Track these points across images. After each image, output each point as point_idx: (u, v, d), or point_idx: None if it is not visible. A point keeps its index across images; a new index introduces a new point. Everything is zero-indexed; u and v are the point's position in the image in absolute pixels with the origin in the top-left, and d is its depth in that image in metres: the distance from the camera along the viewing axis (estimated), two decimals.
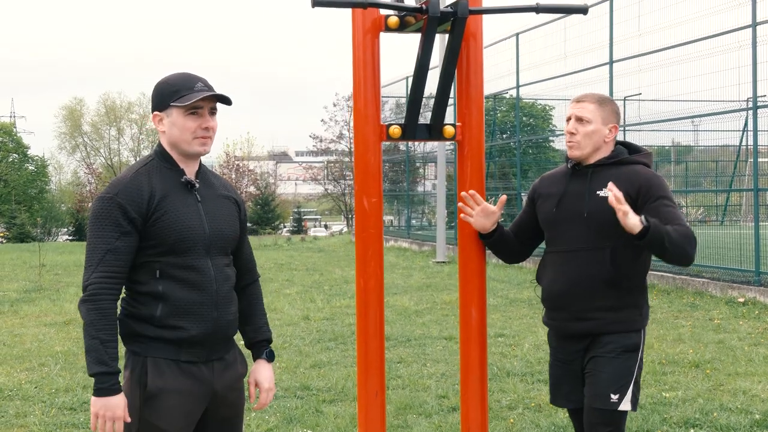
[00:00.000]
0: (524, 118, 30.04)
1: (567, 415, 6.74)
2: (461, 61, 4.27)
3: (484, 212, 4.18)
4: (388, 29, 4.18)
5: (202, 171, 3.65)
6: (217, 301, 3.52)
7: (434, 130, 4.29)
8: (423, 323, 11.67)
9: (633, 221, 3.84)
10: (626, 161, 4.21)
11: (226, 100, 3.53)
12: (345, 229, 53.37)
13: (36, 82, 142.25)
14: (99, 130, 72.20)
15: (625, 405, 4.07)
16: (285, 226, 60.78)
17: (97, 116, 72.30)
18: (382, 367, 4.28)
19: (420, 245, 26.08)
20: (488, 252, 4.38)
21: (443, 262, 21.13)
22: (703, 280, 14.36)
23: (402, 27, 4.17)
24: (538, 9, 3.92)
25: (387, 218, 35.45)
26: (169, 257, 3.44)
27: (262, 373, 3.80)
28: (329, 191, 61.09)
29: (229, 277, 3.63)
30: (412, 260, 22.28)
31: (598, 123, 4.19)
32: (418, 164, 33.14)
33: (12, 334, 11.25)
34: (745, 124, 19.97)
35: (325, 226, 69.43)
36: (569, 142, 4.23)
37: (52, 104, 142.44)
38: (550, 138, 27.64)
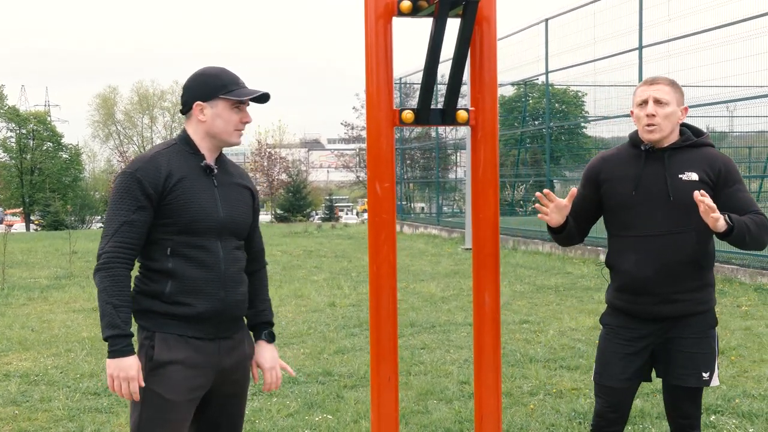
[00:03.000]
0: (556, 105, 29.93)
1: (588, 400, 6.73)
2: (474, 46, 4.24)
3: (557, 208, 4.18)
4: (400, 14, 4.16)
5: (222, 159, 3.80)
6: (225, 280, 3.64)
7: (447, 115, 4.28)
8: (448, 310, 11.66)
9: (721, 223, 3.90)
10: (698, 144, 4.23)
11: (268, 99, 3.75)
12: None
13: (70, 71, 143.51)
14: (132, 118, 72.90)
15: (715, 381, 4.25)
16: (317, 214, 60.89)
17: (130, 104, 73.00)
18: (394, 352, 4.27)
19: (450, 232, 26.04)
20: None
21: (471, 249, 21.06)
22: (732, 266, 14.23)
23: (415, 11, 4.15)
24: None
25: (418, 205, 35.47)
26: (181, 236, 3.58)
27: (262, 353, 3.92)
28: (361, 178, 61.12)
29: (238, 259, 3.75)
30: (441, 247, 22.26)
31: (674, 104, 4.17)
32: (449, 151, 33.06)
33: (41, 320, 11.37)
34: None
35: (357, 214, 69.45)
36: (649, 125, 4.16)
37: (86, 93, 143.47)
38: (582, 124, 27.51)
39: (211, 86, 3.65)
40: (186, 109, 3.72)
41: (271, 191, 59.65)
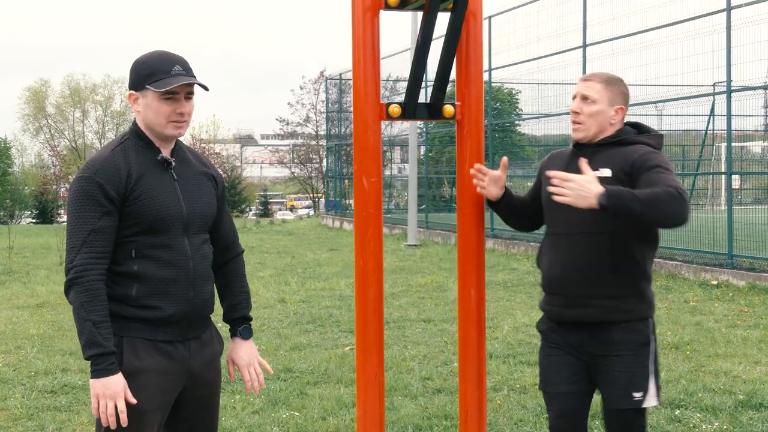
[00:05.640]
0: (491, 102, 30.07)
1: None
2: (460, 40, 4.23)
3: (492, 180, 4.05)
4: (388, 7, 4.12)
5: (179, 148, 3.60)
6: (194, 280, 3.48)
7: (434, 110, 4.26)
8: (400, 306, 11.66)
9: (586, 202, 3.57)
10: (629, 141, 3.92)
11: (203, 87, 3.49)
12: (312, 213, 53.24)
13: None
14: (63, 111, 71.49)
15: (650, 401, 3.89)
16: (251, 210, 60.57)
17: (62, 98, 71.58)
18: (381, 348, 4.24)
19: (390, 228, 26.06)
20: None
21: (414, 245, 21.14)
22: (676, 262, 14.46)
23: (403, 4, 4.12)
24: None
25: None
26: (145, 237, 3.40)
27: (237, 350, 3.77)
28: (296, 174, 60.91)
29: (206, 255, 3.59)
30: (383, 243, 22.20)
31: (604, 103, 3.91)
32: (384, 148, 33.07)
33: None
34: (712, 109, 20.04)
35: (291, 209, 69.22)
36: (574, 122, 4.00)
37: (15, 85, 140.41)
38: (516, 122, 27.75)
39: (140, 75, 3.41)
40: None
41: None
